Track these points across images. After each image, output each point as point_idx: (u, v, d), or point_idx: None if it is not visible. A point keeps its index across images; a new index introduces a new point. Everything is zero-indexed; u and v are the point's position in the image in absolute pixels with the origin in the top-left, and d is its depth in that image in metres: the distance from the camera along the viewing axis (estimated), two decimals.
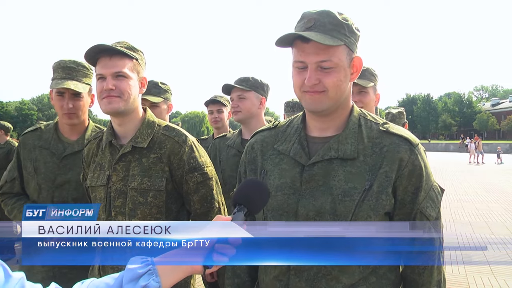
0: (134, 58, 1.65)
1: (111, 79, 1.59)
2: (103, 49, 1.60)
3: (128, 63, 1.62)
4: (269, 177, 1.33)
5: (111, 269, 1.62)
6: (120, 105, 1.61)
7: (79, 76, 2.10)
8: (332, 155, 1.25)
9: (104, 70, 1.59)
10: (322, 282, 1.22)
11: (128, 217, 1.62)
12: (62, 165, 2.09)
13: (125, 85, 1.60)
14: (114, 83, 1.58)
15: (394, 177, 1.22)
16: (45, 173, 2.09)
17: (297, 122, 1.40)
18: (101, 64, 1.61)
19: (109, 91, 1.59)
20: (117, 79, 1.59)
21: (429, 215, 1.25)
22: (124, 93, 1.60)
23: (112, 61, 1.60)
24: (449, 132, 74.76)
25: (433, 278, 1.27)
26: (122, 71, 1.59)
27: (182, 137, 1.71)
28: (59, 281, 1.97)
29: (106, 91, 1.59)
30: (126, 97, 1.61)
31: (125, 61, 1.61)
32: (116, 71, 1.59)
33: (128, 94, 1.61)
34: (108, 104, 1.60)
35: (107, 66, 1.59)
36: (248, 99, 2.52)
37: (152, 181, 1.64)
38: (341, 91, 1.25)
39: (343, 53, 1.22)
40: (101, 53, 1.61)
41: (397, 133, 1.27)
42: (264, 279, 1.35)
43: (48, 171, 2.09)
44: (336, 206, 1.21)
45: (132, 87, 1.63)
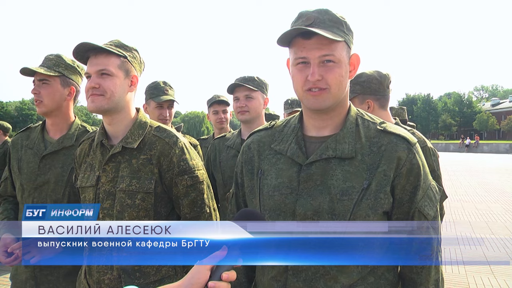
0: (122, 56, 1.61)
1: (95, 77, 1.57)
2: (90, 48, 1.58)
3: (114, 61, 1.59)
4: (266, 177, 1.33)
5: (97, 272, 1.60)
6: (103, 103, 1.58)
7: (50, 64, 2.07)
8: (330, 154, 1.25)
9: (89, 68, 1.58)
10: (320, 282, 1.22)
11: (115, 219, 1.57)
12: (42, 165, 2.05)
13: (108, 83, 1.57)
14: (98, 81, 1.56)
15: (392, 176, 1.22)
16: (27, 173, 2.06)
17: (294, 122, 1.39)
18: (88, 63, 1.60)
19: (93, 90, 1.57)
20: (102, 77, 1.57)
21: (427, 214, 1.25)
22: (107, 91, 1.57)
23: (97, 59, 1.58)
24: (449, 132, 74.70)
25: (431, 277, 1.27)
26: (106, 69, 1.57)
27: (173, 138, 1.66)
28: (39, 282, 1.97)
29: (90, 89, 1.57)
30: (109, 95, 1.58)
31: (110, 59, 1.58)
32: (100, 68, 1.56)
33: (112, 92, 1.58)
34: (91, 103, 1.58)
35: (92, 64, 1.58)
36: (256, 99, 2.52)
37: (141, 183, 1.59)
38: (343, 87, 1.26)
39: (343, 49, 1.23)
40: (88, 52, 1.59)
41: (395, 132, 1.27)
42: (262, 280, 1.35)
43: (30, 171, 2.05)
44: (334, 205, 1.21)
45: (117, 85, 1.59)
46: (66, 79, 2.10)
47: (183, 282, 0.92)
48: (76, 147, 2.03)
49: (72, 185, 1.99)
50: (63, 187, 2.00)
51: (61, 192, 2.00)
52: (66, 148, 2.06)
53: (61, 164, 2.04)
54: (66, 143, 2.07)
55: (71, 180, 1.99)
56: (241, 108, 2.53)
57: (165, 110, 2.78)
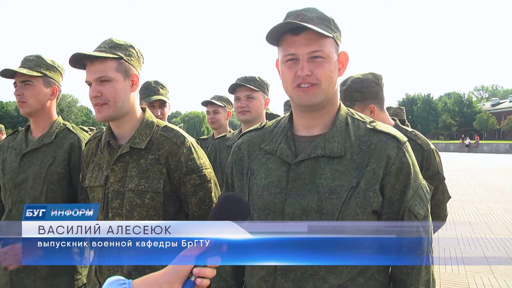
0: (118, 57, 1.60)
1: (95, 85, 1.57)
2: (84, 57, 1.57)
3: (111, 65, 1.58)
4: (256, 177, 1.33)
5: (108, 270, 1.61)
6: (109, 112, 1.59)
7: (32, 65, 2.06)
8: (319, 153, 1.25)
9: (88, 76, 1.59)
10: (309, 283, 1.21)
11: (125, 219, 1.60)
12: (22, 164, 2.05)
13: (109, 90, 1.57)
14: (99, 89, 1.56)
15: (382, 174, 1.22)
16: (9, 173, 2.07)
17: (284, 121, 1.39)
18: (86, 70, 1.60)
19: (96, 99, 1.57)
20: (102, 85, 1.57)
21: (417, 213, 1.24)
22: (109, 98, 1.57)
23: (94, 66, 1.57)
24: (449, 132, 74.70)
25: (421, 277, 1.25)
26: (104, 75, 1.56)
27: (181, 138, 1.67)
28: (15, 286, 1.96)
29: (93, 98, 1.58)
30: (112, 103, 1.58)
31: (106, 64, 1.57)
32: (98, 76, 1.56)
33: (114, 98, 1.58)
34: (98, 113, 1.60)
35: (90, 72, 1.58)
36: (257, 99, 2.52)
37: (150, 183, 1.61)
38: (333, 83, 1.26)
39: (332, 45, 1.24)
40: (85, 59, 1.59)
41: (385, 130, 1.27)
42: (250, 281, 1.34)
43: (11, 170, 2.07)
44: (322, 204, 1.20)
45: (118, 90, 1.59)
46: (48, 79, 2.10)
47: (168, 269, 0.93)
48: (55, 144, 2.06)
49: (50, 182, 2.01)
50: (41, 184, 2.00)
51: (39, 189, 2.00)
52: (46, 146, 2.07)
53: (40, 162, 2.03)
54: (45, 140, 2.07)
55: (49, 177, 2.01)
56: (242, 108, 2.53)
57: (156, 109, 2.76)
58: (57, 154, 2.04)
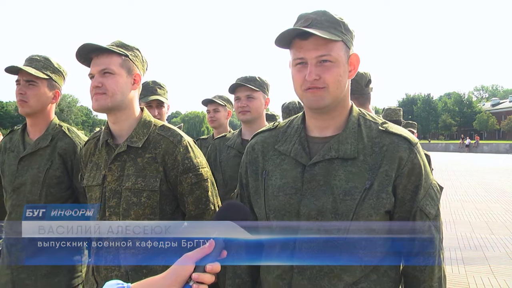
0: (124, 54, 1.64)
1: (98, 76, 1.59)
2: (91, 49, 1.60)
3: (116, 60, 1.61)
4: (271, 178, 1.35)
5: (105, 270, 1.61)
6: (107, 101, 1.59)
7: (39, 66, 2.06)
8: (332, 155, 1.27)
9: (92, 68, 1.61)
10: (325, 280, 1.23)
11: (122, 218, 1.60)
12: (20, 167, 2.04)
13: (110, 82, 1.59)
14: (100, 80, 1.58)
15: (394, 175, 1.24)
16: (8, 176, 2.06)
17: (297, 122, 1.41)
18: (91, 64, 1.62)
19: (96, 89, 1.59)
20: (104, 76, 1.59)
21: (428, 213, 1.27)
22: (109, 89, 1.59)
23: (99, 59, 1.60)
24: (449, 132, 74.71)
25: (435, 275, 1.28)
26: (108, 68, 1.59)
27: (177, 137, 1.69)
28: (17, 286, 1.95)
29: (93, 88, 1.59)
30: (111, 93, 1.59)
31: (112, 58, 1.61)
32: (102, 68, 1.59)
33: (114, 90, 1.60)
34: (95, 101, 1.60)
35: (95, 64, 1.60)
36: (257, 99, 2.52)
37: (146, 181, 1.62)
38: (341, 87, 1.27)
39: (341, 49, 1.25)
40: (91, 53, 1.61)
41: (396, 132, 1.29)
42: (267, 278, 1.36)
43: (10, 173, 2.06)
44: (337, 205, 1.22)
45: (119, 83, 1.61)
46: (53, 83, 2.10)
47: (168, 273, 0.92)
48: (50, 147, 2.06)
49: (49, 185, 2.00)
50: (40, 188, 2.00)
51: (38, 193, 1.99)
52: (42, 149, 2.06)
53: (37, 165, 2.03)
54: (42, 144, 2.07)
55: (47, 181, 2.01)
56: (242, 108, 2.52)
57: (153, 109, 2.75)
58: (54, 158, 2.04)
